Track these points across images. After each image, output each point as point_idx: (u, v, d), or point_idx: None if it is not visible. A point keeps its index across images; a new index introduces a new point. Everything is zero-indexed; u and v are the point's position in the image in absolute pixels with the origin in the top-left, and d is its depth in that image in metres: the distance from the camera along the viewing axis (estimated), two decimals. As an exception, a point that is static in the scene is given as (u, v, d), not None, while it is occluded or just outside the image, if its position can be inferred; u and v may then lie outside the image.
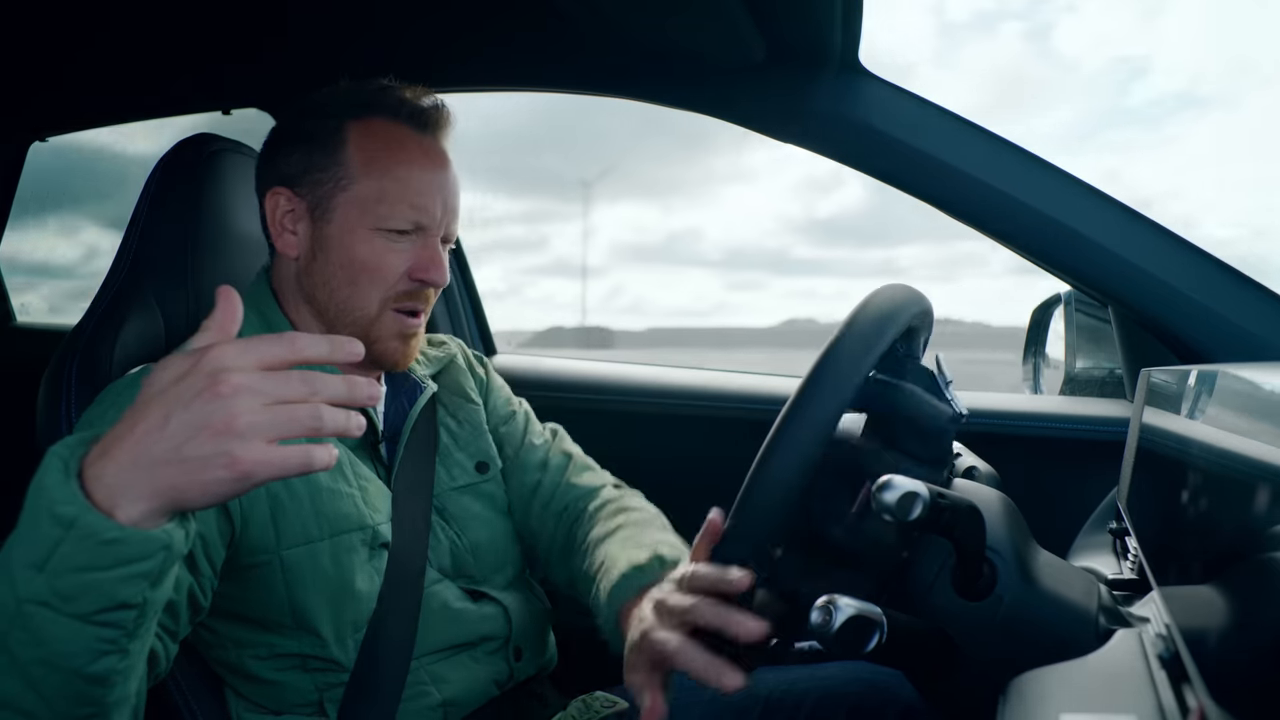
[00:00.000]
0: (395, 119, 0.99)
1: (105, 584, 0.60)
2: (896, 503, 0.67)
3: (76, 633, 0.61)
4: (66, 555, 0.59)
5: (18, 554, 0.61)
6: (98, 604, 0.61)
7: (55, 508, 0.59)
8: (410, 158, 0.98)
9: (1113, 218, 1.15)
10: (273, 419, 0.59)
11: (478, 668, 1.02)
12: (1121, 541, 0.95)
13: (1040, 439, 1.37)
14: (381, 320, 0.99)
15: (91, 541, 0.59)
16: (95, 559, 0.59)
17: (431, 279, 0.99)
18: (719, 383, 1.60)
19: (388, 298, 0.98)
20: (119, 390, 0.90)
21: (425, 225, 0.98)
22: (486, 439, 1.16)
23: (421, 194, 0.98)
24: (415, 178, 0.98)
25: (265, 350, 0.60)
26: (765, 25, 1.10)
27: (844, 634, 0.67)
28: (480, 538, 1.08)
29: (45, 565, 0.60)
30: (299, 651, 0.93)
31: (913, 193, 1.21)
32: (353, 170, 0.97)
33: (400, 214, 0.97)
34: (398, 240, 0.98)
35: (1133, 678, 0.56)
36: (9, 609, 0.61)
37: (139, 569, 0.60)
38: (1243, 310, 1.11)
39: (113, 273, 1.08)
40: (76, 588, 0.60)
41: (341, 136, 0.98)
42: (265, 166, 1.03)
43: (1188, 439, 0.64)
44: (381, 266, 0.97)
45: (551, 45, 1.34)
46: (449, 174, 1.01)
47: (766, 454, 0.74)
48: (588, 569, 1.03)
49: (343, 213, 0.97)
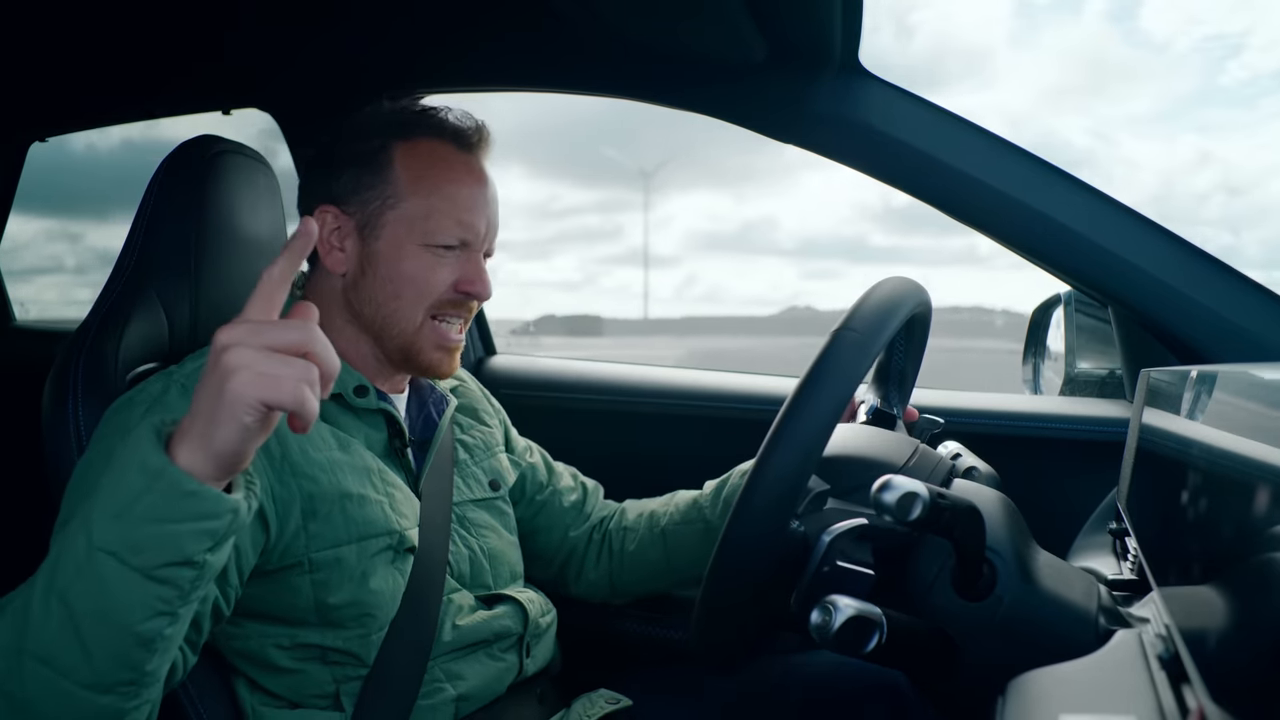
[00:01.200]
0: (440, 138, 1.03)
1: (176, 537, 0.66)
2: (896, 503, 0.67)
3: (137, 586, 0.66)
4: (148, 505, 0.65)
5: (99, 503, 0.67)
6: (163, 558, 0.66)
7: (146, 458, 0.66)
8: (456, 176, 1.02)
9: (1113, 218, 1.16)
10: (265, 360, 0.66)
11: (493, 664, 1.04)
12: (1121, 541, 0.95)
13: (1040, 439, 1.37)
14: (423, 331, 1.03)
15: (174, 492, 0.65)
16: (172, 510, 0.66)
17: (477, 292, 1.03)
18: (719, 383, 1.60)
19: (431, 307, 1.02)
20: (117, 409, 0.93)
21: (470, 241, 1.02)
22: (500, 460, 1.20)
23: (468, 210, 1.02)
24: (461, 195, 1.01)
25: (274, 332, 0.67)
26: (766, 26, 1.10)
27: (844, 634, 0.67)
28: (497, 547, 1.12)
29: (125, 513, 0.66)
30: (320, 643, 0.95)
31: (913, 193, 1.21)
32: (401, 188, 1.01)
33: (448, 230, 1.01)
34: (443, 255, 1.01)
35: (1133, 678, 0.56)
36: (79, 558, 0.66)
37: (208, 526, 0.67)
38: (1243, 310, 1.12)
39: (117, 272, 1.08)
40: (148, 539, 0.66)
41: (388, 156, 1.01)
42: (312, 186, 1.07)
43: (1188, 439, 0.64)
44: (428, 280, 1.01)
45: (552, 46, 1.34)
46: (491, 191, 1.05)
47: (767, 452, 0.74)
48: (650, 526, 1.22)
49: (391, 230, 1.01)
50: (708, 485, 1.20)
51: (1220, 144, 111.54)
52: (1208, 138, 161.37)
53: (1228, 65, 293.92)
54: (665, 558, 1.20)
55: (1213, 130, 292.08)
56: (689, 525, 1.18)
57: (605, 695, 1.09)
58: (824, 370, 0.75)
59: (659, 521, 1.21)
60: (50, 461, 0.98)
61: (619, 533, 1.25)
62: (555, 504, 1.25)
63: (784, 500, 0.73)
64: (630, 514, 1.26)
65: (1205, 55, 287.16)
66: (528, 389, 1.68)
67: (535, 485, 1.25)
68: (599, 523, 1.27)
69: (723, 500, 1.15)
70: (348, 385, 1.00)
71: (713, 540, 1.10)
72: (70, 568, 0.67)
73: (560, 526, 1.25)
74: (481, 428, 1.21)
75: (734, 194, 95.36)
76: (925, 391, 1.41)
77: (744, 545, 0.75)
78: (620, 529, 1.25)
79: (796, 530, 0.80)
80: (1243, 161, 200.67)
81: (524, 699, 1.07)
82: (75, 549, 0.67)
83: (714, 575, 0.77)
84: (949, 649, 0.72)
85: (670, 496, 1.24)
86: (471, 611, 1.04)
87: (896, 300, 0.81)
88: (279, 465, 0.92)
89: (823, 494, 0.84)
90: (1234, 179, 52.63)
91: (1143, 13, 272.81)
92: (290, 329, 0.67)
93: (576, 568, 1.25)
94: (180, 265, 1.09)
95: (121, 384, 1.02)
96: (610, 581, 1.25)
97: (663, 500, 1.24)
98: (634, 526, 1.24)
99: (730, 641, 0.81)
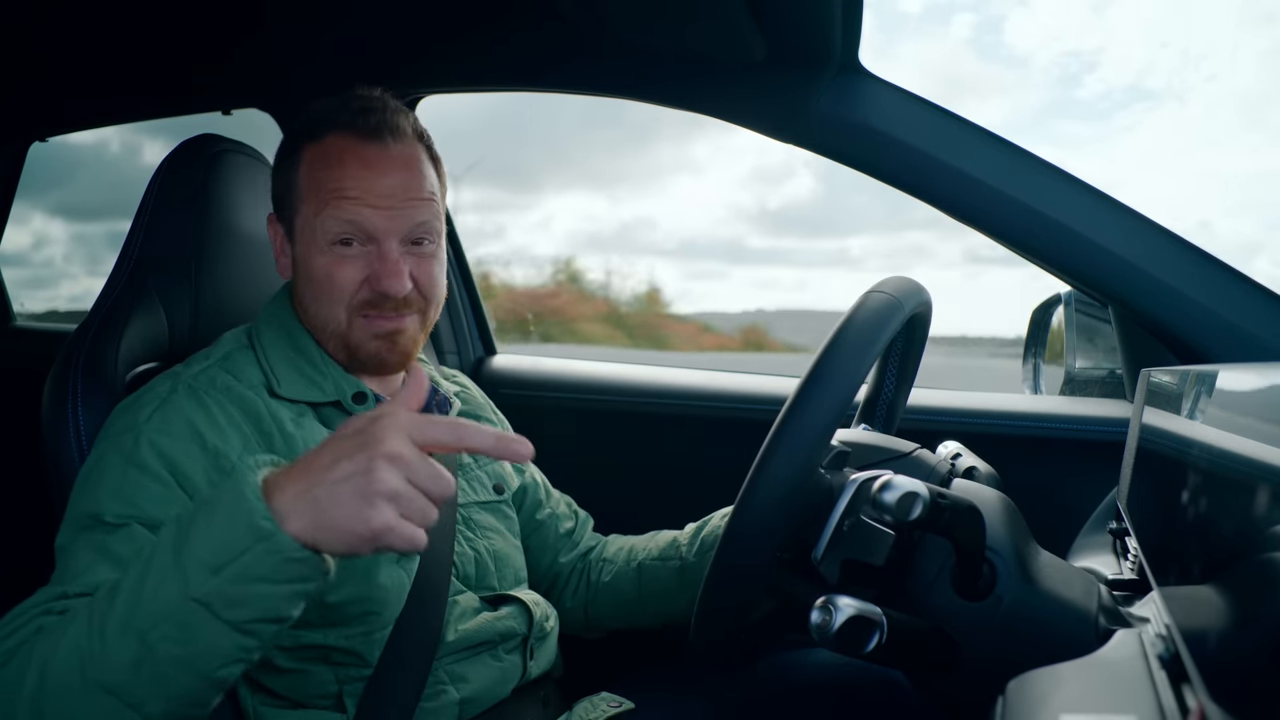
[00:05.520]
0: (342, 132, 0.99)
1: (271, 596, 0.67)
2: (896, 503, 0.67)
3: (224, 636, 0.67)
4: (248, 564, 0.66)
5: (197, 553, 0.67)
6: (255, 614, 0.68)
7: (256, 519, 0.66)
8: (344, 169, 0.97)
9: (1113, 218, 1.15)
10: (409, 497, 0.67)
11: (497, 665, 1.04)
12: (1121, 541, 0.95)
13: (1040, 439, 1.37)
14: (353, 329, 1.00)
15: (278, 557, 0.66)
16: (274, 572, 0.67)
17: (384, 289, 0.96)
18: (718, 383, 1.60)
19: (352, 308, 0.99)
20: (124, 409, 0.93)
21: (368, 232, 0.97)
22: (504, 465, 1.19)
23: (354, 201, 0.96)
24: (347, 188, 0.96)
25: (433, 433, 0.69)
26: (766, 25, 1.10)
27: (844, 634, 0.67)
28: (501, 549, 1.12)
29: (224, 569, 0.66)
30: (324, 643, 0.94)
31: (913, 193, 1.21)
32: (302, 191, 0.99)
33: (335, 226, 0.96)
34: (348, 253, 0.97)
35: (1133, 678, 0.56)
36: (169, 603, 0.67)
37: (302, 588, 0.68)
38: (1243, 310, 1.11)
39: (116, 271, 1.08)
40: (245, 596, 0.67)
41: (297, 160, 1.00)
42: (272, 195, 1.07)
43: (1188, 439, 0.64)
44: (335, 279, 0.97)
45: (551, 46, 1.34)
46: (394, 178, 0.97)
47: (768, 451, 0.74)
48: (627, 561, 1.21)
49: (300, 234, 1.00)
50: (688, 527, 1.19)
51: (1074, 156, 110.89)
52: (1061, 150, 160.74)
53: (1084, 79, 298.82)
54: (638, 593, 1.19)
55: (1066, 144, 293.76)
56: (665, 563, 1.17)
57: (607, 698, 1.09)
58: (825, 370, 0.75)
59: (636, 556, 1.20)
60: (50, 461, 0.98)
61: (598, 564, 1.24)
62: (551, 527, 1.25)
63: (784, 501, 0.73)
64: (611, 547, 1.26)
65: (1063, 70, 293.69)
66: (528, 389, 1.68)
67: (534, 503, 1.24)
68: (584, 552, 1.27)
69: (700, 541, 1.14)
70: (346, 393, 1.00)
71: (686, 581, 1.14)
72: (156, 610, 0.67)
73: (552, 550, 1.25)
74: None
75: (608, 195, 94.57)
76: (925, 391, 1.41)
77: (745, 545, 0.75)
78: (600, 560, 1.24)
79: (822, 479, 0.81)
80: (1095, 174, 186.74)
81: (528, 702, 1.07)
82: (165, 593, 0.67)
83: (714, 574, 0.77)
84: (949, 649, 0.72)
85: (652, 535, 1.23)
86: (476, 613, 1.04)
87: (896, 300, 0.81)
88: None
89: (844, 453, 0.85)
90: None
91: (1007, 28, 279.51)
92: (443, 480, 0.68)
93: (557, 595, 1.24)
94: (180, 265, 1.09)
95: (121, 384, 1.02)
96: (585, 612, 1.24)
97: (644, 538, 1.24)
98: (612, 559, 1.23)
99: (729, 640, 0.81)
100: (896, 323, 0.80)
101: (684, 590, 1.13)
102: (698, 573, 1.11)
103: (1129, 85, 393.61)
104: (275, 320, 1.03)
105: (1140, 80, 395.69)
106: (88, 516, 0.85)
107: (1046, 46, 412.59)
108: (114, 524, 0.84)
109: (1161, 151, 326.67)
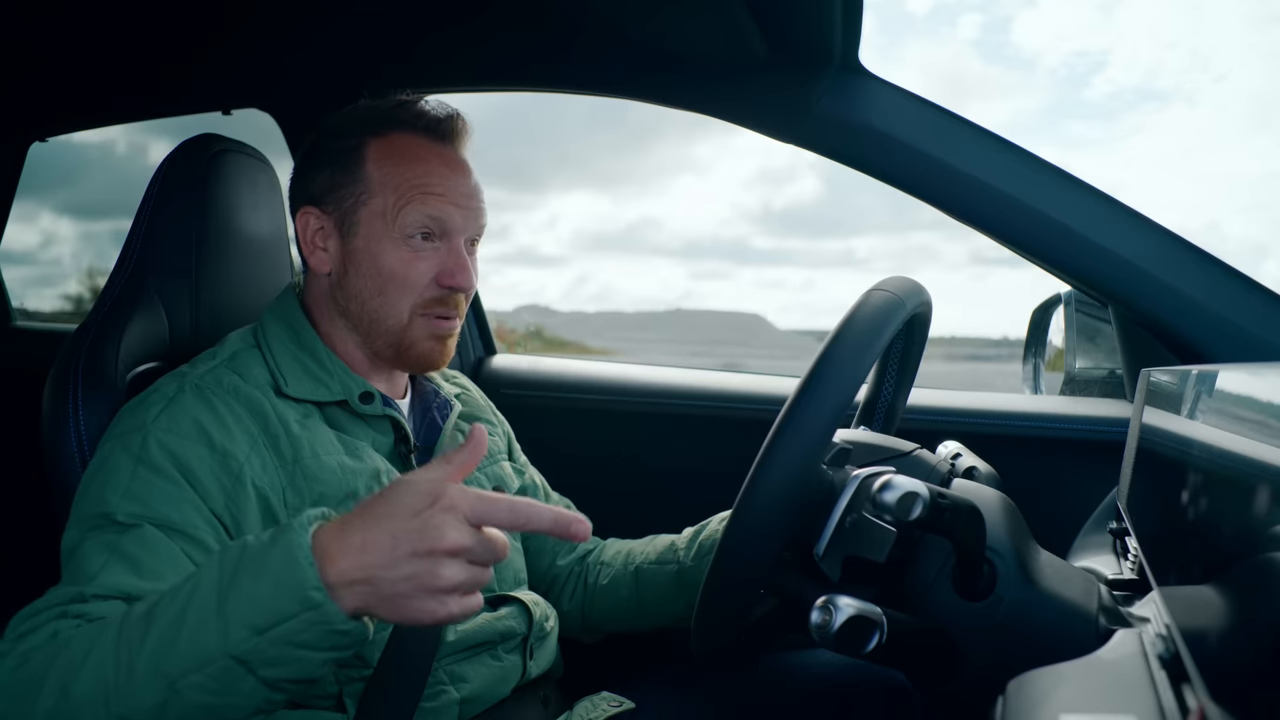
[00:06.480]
0: (413, 131, 1.02)
1: (309, 661, 0.68)
2: (896, 503, 0.67)
3: (255, 692, 0.68)
4: (292, 630, 0.66)
5: (241, 612, 0.67)
6: (290, 674, 0.68)
7: (307, 590, 0.66)
8: (427, 166, 1.01)
9: (1113, 218, 1.16)
10: (470, 580, 0.68)
11: (497, 665, 1.04)
12: (1121, 541, 0.95)
13: (1040, 439, 1.37)
14: (413, 326, 1.02)
15: (324, 628, 0.67)
16: (317, 641, 0.67)
17: (458, 284, 1.01)
18: (719, 383, 1.60)
19: (417, 305, 1.01)
20: (131, 409, 0.93)
21: (447, 229, 1.01)
22: (504, 467, 1.20)
23: (439, 199, 1.00)
24: (432, 184, 1.00)
25: (493, 517, 0.69)
26: (766, 25, 1.10)
27: (844, 634, 0.67)
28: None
29: (266, 631, 0.66)
30: None
31: (913, 193, 1.21)
32: (372, 184, 1.00)
33: (419, 219, 1.00)
34: (421, 248, 1.00)
35: (1133, 678, 0.56)
36: (206, 656, 0.67)
37: (339, 655, 0.69)
38: (1243, 310, 1.12)
39: (117, 271, 1.08)
40: (283, 658, 0.67)
41: (361, 154, 1.01)
42: (295, 188, 1.07)
43: (1188, 439, 0.64)
44: (409, 274, 1.00)
45: (551, 46, 1.34)
46: (468, 180, 1.03)
47: (768, 451, 0.74)
48: (625, 563, 1.20)
49: (367, 226, 1.00)
50: (686, 531, 1.19)
51: (1081, 157, 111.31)
52: (1069, 151, 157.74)
53: (1092, 80, 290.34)
54: (636, 596, 1.18)
55: (1074, 145, 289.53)
56: (662, 566, 1.16)
57: (608, 698, 1.09)
58: (826, 369, 0.75)
59: (634, 560, 1.20)
60: (50, 461, 0.98)
61: (595, 567, 1.24)
62: None
63: (784, 503, 0.73)
64: (608, 551, 1.25)
65: (1070, 70, 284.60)
66: (528, 389, 1.68)
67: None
68: (582, 555, 1.26)
69: (698, 545, 1.14)
70: (353, 392, 1.00)
71: (684, 584, 1.14)
72: (191, 659, 0.67)
73: (550, 553, 1.24)
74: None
75: (612, 195, 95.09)
76: (925, 391, 1.41)
77: (744, 544, 0.75)
78: (597, 563, 1.24)
79: (824, 476, 0.81)
80: (1103, 176, 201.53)
81: (528, 702, 1.07)
82: (202, 643, 0.67)
83: (714, 575, 0.77)
84: (949, 649, 0.72)
85: (649, 539, 1.23)
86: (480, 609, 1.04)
87: (898, 298, 0.81)
88: (291, 468, 0.93)
89: (846, 450, 0.85)
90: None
91: (1014, 28, 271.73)
92: (500, 548, 0.69)
93: (555, 598, 1.24)
94: (181, 264, 1.09)
95: (122, 384, 1.02)
96: (582, 615, 1.24)
97: (642, 542, 1.23)
98: (610, 562, 1.23)
99: (730, 642, 0.81)
100: (898, 321, 0.80)
101: (681, 594, 1.13)
102: (695, 576, 1.11)
103: (1137, 86, 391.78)
104: (281, 320, 1.04)
105: (1148, 81, 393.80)
106: (98, 516, 0.85)
107: (1054, 47, 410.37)
108: (126, 524, 0.84)
109: (1170, 153, 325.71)
